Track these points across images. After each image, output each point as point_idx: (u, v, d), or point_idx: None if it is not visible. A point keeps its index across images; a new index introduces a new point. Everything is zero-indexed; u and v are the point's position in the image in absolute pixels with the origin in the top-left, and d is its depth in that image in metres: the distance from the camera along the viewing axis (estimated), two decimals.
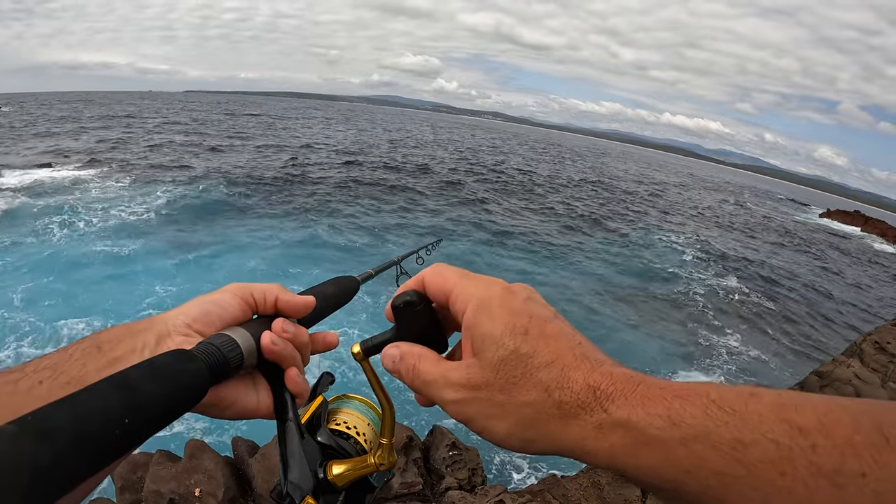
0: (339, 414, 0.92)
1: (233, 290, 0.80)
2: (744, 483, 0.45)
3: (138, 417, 0.46)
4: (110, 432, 0.43)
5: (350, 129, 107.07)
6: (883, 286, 41.24)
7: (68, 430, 0.40)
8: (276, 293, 0.81)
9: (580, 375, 0.58)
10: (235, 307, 0.78)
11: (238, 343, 0.69)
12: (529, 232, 33.05)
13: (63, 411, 0.41)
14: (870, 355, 11.44)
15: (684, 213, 57.04)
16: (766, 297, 28.84)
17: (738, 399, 0.48)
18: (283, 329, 0.77)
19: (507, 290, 0.69)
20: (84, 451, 0.41)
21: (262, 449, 6.57)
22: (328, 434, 0.85)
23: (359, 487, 0.82)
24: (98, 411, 0.43)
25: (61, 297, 16.49)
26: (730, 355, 19.97)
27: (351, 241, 26.08)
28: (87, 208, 25.67)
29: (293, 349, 0.78)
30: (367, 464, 0.80)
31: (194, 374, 0.57)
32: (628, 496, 7.19)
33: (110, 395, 0.46)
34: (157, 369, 0.53)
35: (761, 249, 44.32)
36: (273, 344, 0.74)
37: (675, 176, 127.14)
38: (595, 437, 0.54)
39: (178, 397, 0.53)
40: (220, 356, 0.64)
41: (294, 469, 0.73)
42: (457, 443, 7.00)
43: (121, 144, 46.84)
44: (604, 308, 22.37)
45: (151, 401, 0.49)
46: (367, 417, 0.93)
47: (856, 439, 0.42)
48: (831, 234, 71.81)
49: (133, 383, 0.49)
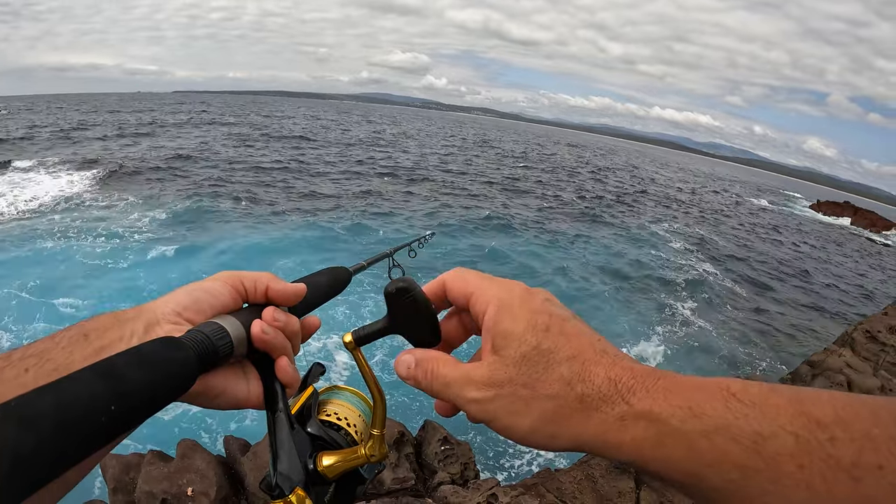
0: (329, 405, 0.91)
1: (223, 277, 0.80)
2: (763, 476, 0.45)
3: (124, 404, 0.45)
4: (95, 419, 0.42)
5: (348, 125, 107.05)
6: (873, 276, 41.66)
7: (51, 416, 0.39)
8: (266, 281, 0.81)
9: (601, 370, 0.59)
10: (226, 295, 0.77)
11: (228, 331, 0.68)
12: (530, 222, 33.20)
13: (47, 397, 0.40)
14: (861, 344, 11.54)
15: (673, 205, 57.39)
16: (755, 287, 29.11)
17: (759, 393, 0.49)
18: (274, 318, 0.76)
19: (526, 291, 0.71)
20: (68, 437, 0.40)
21: (253, 447, 6.56)
22: (318, 425, 0.85)
23: (349, 479, 0.82)
24: (83, 398, 0.43)
25: (54, 296, 16.55)
26: (721, 346, 20.13)
27: (346, 234, 26.23)
28: (86, 208, 25.75)
29: (284, 338, 0.77)
30: (358, 455, 0.80)
31: (182, 362, 0.56)
32: (622, 488, 7.22)
33: (95, 381, 0.45)
34: (144, 356, 0.52)
35: (751, 240, 44.74)
36: (263, 333, 0.74)
37: (667, 170, 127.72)
38: (618, 429, 0.55)
39: (166, 385, 0.52)
40: (209, 344, 0.63)
41: (284, 460, 0.72)
42: (449, 437, 7.02)
43: (119, 145, 46.82)
44: (604, 304, 22.53)
45: (138, 388, 0.48)
46: (357, 409, 0.93)
47: (874, 432, 0.42)
48: (821, 225, 72.40)
49: (119, 370, 0.48)
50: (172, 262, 20.37)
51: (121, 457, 6.12)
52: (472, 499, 5.92)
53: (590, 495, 7.09)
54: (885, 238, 70.53)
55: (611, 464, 7.64)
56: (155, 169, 36.50)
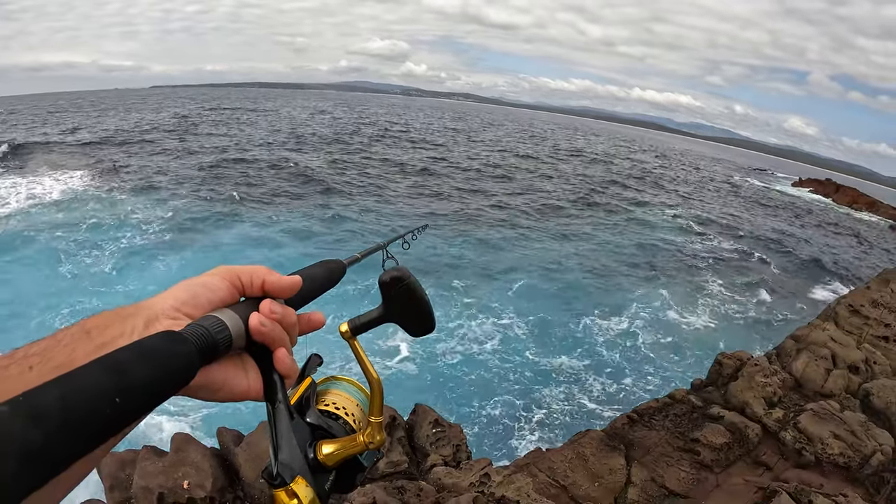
0: (327, 395, 0.93)
1: (220, 272, 0.80)
2: None
3: (129, 397, 0.46)
4: (101, 412, 0.43)
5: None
6: (855, 251, 42.18)
7: (58, 409, 0.40)
8: (262, 275, 0.81)
9: None
10: (223, 289, 0.77)
11: (226, 325, 0.69)
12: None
13: (53, 391, 0.41)
14: (844, 318, 11.72)
15: (661, 185, 57.63)
16: (739, 263, 29.44)
17: None
18: (271, 310, 0.77)
19: None
20: (74, 430, 0.41)
21: (247, 437, 6.56)
22: (317, 415, 0.87)
23: (349, 467, 0.84)
24: (88, 391, 0.44)
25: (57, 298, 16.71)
26: (708, 321, 20.35)
27: (342, 227, 26.32)
28: (83, 208, 25.67)
29: (281, 330, 0.78)
30: (356, 443, 0.82)
31: (184, 356, 0.57)
32: (613, 465, 7.32)
33: (100, 375, 0.46)
34: (146, 350, 0.53)
35: (734, 218, 45.07)
36: (261, 325, 0.75)
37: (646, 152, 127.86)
38: None
39: (168, 378, 0.53)
40: (209, 337, 0.64)
41: (284, 449, 0.74)
42: (440, 420, 7.05)
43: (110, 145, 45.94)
44: (599, 279, 22.90)
45: (141, 381, 0.49)
46: (355, 398, 0.94)
47: None
48: (803, 202, 72.89)
49: (123, 364, 0.49)
50: (171, 259, 20.45)
51: (116, 454, 6.06)
52: (465, 479, 5.96)
53: (581, 473, 7.18)
54: (867, 214, 71.18)
55: (601, 441, 7.74)
56: (155, 169, 36.29)
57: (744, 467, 7.52)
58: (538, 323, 18.37)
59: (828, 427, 7.79)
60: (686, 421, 8.28)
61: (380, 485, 5.64)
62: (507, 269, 23.34)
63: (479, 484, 5.86)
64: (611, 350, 17.24)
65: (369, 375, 0.88)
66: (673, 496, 6.96)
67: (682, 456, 7.58)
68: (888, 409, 8.88)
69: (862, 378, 9.72)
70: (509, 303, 19.68)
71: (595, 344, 17.57)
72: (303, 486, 0.72)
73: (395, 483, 5.74)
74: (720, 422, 8.08)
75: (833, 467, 7.42)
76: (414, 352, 15.22)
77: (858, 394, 9.33)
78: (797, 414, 8.26)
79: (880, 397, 9.04)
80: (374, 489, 5.46)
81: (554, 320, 18.77)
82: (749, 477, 7.16)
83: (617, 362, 16.56)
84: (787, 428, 7.97)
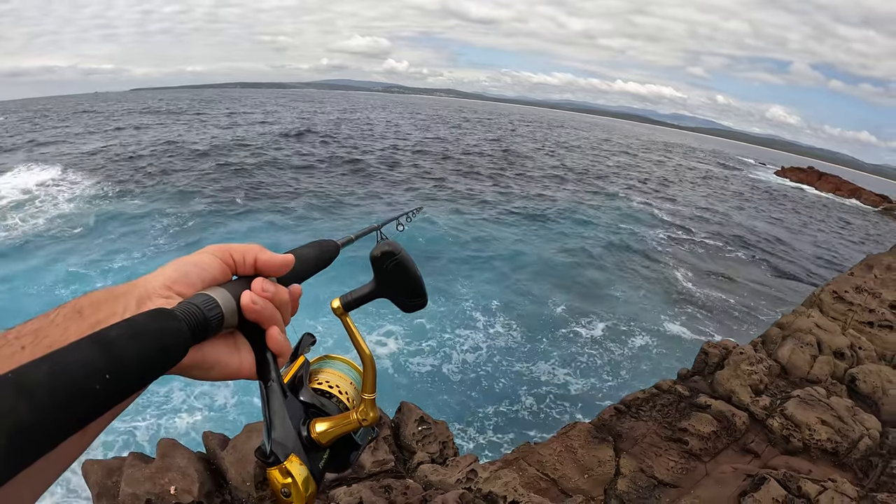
0: (320, 374, 0.94)
1: (212, 250, 0.80)
2: None
3: (118, 373, 0.46)
4: (89, 386, 0.43)
5: None
6: (838, 238, 42.78)
7: (47, 385, 0.40)
8: (255, 253, 0.81)
9: None
10: (215, 268, 0.77)
11: (218, 302, 0.69)
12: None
13: (42, 367, 0.41)
14: (828, 305, 11.83)
15: (643, 176, 58.02)
16: (723, 254, 29.74)
17: None
18: (263, 288, 0.77)
19: None
20: (64, 406, 0.40)
21: (232, 441, 6.51)
22: (311, 393, 0.88)
23: (343, 445, 0.85)
24: (76, 365, 0.43)
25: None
26: (693, 310, 20.51)
27: (336, 211, 26.91)
28: (83, 208, 26.12)
29: (273, 308, 0.78)
30: (350, 420, 0.83)
31: (175, 333, 0.57)
32: (602, 457, 7.34)
33: (90, 351, 0.46)
34: (136, 327, 0.53)
35: (718, 208, 45.59)
36: (253, 303, 0.74)
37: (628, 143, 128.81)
38: None
39: (159, 354, 0.53)
40: (201, 315, 0.64)
41: (278, 428, 0.74)
42: (425, 417, 7.03)
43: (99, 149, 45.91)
44: (586, 271, 23.00)
45: (131, 357, 0.49)
46: (348, 376, 0.95)
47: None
48: (786, 190, 73.81)
49: (113, 341, 0.49)
50: (166, 254, 20.49)
51: (102, 462, 6.06)
52: (451, 476, 5.95)
53: (570, 466, 7.19)
54: (850, 201, 72.14)
55: (589, 433, 7.77)
56: (153, 168, 36.45)
57: (732, 455, 7.57)
58: (522, 317, 18.40)
59: (815, 413, 7.85)
60: (673, 411, 8.31)
61: (366, 484, 5.61)
62: (490, 263, 23.38)
63: (466, 480, 5.85)
64: (595, 343, 17.28)
65: (361, 351, 0.88)
66: (662, 486, 6.98)
67: (671, 445, 7.61)
68: (874, 393, 8.98)
69: (847, 363, 9.82)
70: (493, 298, 19.71)
71: (579, 336, 17.61)
72: (297, 465, 0.72)
73: (382, 482, 5.72)
74: (707, 411, 8.12)
75: (821, 453, 7.49)
76: (399, 348, 15.22)
77: (844, 379, 9.44)
78: (784, 401, 8.32)
79: (866, 382, 9.14)
80: (361, 489, 5.43)
81: (539, 314, 18.83)
82: (737, 464, 7.19)
83: (602, 355, 16.60)
84: (774, 415, 8.03)
